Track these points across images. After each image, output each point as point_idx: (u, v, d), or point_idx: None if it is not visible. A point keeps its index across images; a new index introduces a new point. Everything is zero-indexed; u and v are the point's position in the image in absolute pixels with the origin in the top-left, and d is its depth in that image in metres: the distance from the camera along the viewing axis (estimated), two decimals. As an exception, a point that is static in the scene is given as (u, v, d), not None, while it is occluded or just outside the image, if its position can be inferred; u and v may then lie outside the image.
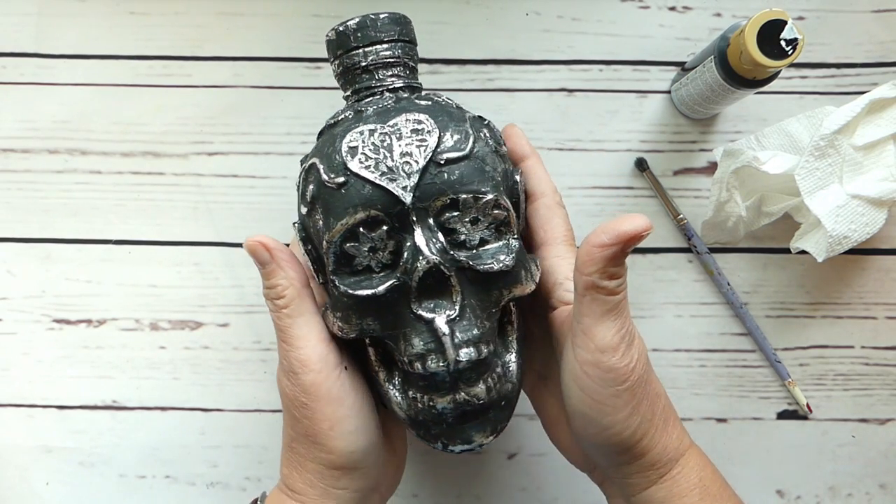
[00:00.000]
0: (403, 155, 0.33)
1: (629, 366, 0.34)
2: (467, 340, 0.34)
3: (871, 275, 0.52)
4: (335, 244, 0.34)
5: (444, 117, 0.35)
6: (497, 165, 0.36)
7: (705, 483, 0.36)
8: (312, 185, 0.35)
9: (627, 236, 0.31)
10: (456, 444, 0.36)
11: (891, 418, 0.51)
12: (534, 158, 0.41)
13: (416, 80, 0.39)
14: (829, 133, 0.46)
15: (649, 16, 0.53)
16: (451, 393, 0.34)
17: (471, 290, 0.34)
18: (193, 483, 0.51)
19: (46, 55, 0.53)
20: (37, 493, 0.51)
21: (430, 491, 0.51)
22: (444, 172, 0.33)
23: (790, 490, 0.51)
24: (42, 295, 0.52)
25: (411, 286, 0.33)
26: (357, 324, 0.35)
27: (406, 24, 0.39)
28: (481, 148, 0.35)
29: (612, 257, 0.31)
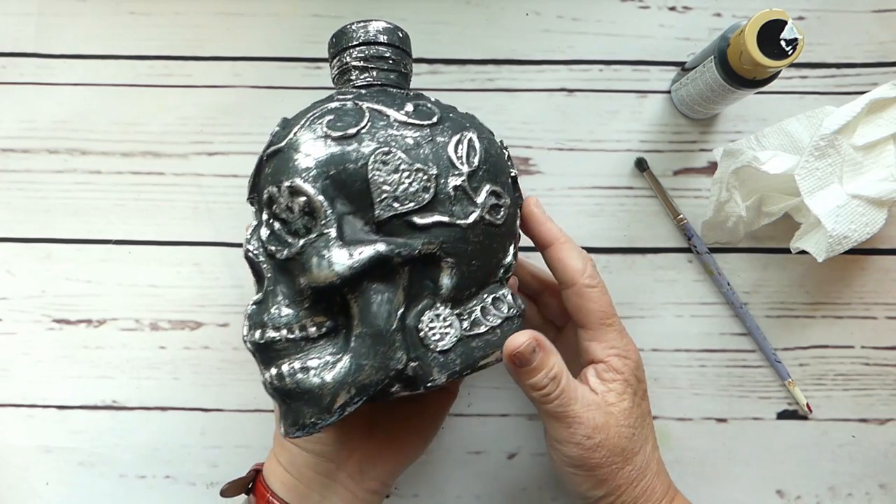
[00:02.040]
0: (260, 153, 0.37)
1: (584, 455, 0.37)
2: (256, 323, 0.35)
3: (871, 275, 0.52)
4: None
5: (298, 118, 0.36)
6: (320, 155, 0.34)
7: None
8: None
9: (506, 355, 0.36)
10: (290, 428, 0.35)
11: (891, 418, 0.51)
12: (557, 244, 0.40)
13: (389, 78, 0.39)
14: (829, 133, 0.46)
15: (649, 16, 0.53)
16: (266, 367, 0.35)
17: (280, 277, 0.35)
18: (193, 483, 0.51)
19: (46, 55, 0.53)
20: (37, 492, 0.51)
21: (430, 491, 0.51)
22: (266, 167, 0.36)
23: (790, 490, 0.51)
24: (42, 295, 0.52)
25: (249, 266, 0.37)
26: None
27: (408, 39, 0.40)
28: (301, 138, 0.35)
29: (518, 373, 0.36)
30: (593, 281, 0.39)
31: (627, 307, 0.52)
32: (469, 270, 0.36)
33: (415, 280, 0.35)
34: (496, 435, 0.51)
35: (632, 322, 0.51)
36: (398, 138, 0.35)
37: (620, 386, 0.39)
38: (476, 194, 0.35)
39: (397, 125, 0.35)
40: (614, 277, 0.52)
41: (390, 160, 0.34)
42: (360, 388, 0.34)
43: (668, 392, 0.51)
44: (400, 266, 0.34)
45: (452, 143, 0.35)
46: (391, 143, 0.35)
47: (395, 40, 0.39)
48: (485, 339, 0.36)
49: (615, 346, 0.39)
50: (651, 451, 0.40)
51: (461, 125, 0.37)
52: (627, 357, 0.39)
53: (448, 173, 0.35)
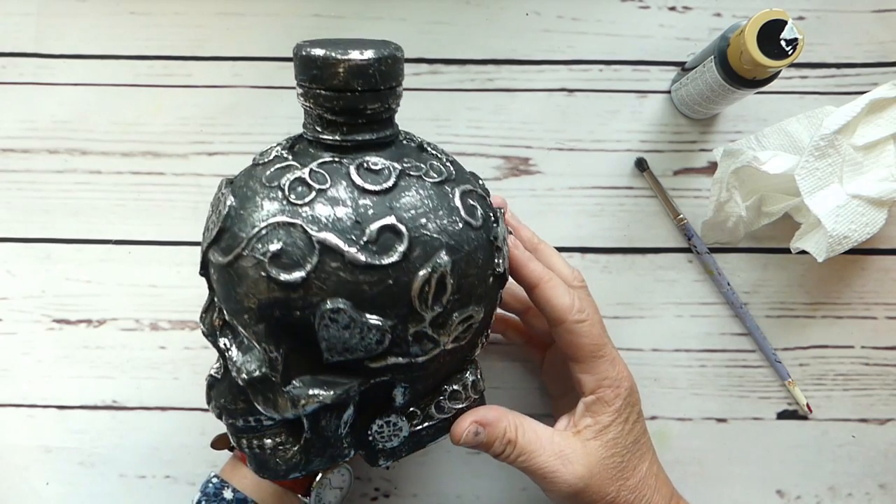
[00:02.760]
0: (206, 228, 0.36)
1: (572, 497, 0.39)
2: (216, 403, 0.36)
3: (871, 275, 0.52)
4: None
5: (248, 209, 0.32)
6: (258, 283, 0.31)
7: None
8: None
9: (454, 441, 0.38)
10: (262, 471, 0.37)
11: (891, 418, 0.51)
12: (542, 284, 0.38)
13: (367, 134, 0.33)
14: (829, 133, 0.46)
15: (649, 16, 0.53)
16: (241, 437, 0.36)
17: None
18: (193, 483, 0.51)
19: (46, 55, 0.53)
20: (37, 492, 0.51)
21: (430, 491, 0.51)
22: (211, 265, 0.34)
23: (790, 490, 0.51)
24: (42, 295, 0.52)
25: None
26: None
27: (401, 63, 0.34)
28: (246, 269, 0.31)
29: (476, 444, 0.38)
30: (581, 315, 0.39)
31: (627, 307, 0.52)
32: (425, 386, 0.36)
33: (367, 395, 0.34)
34: (496, 435, 0.51)
35: (632, 322, 0.51)
36: (352, 285, 0.30)
37: (609, 418, 0.39)
38: (441, 331, 0.32)
39: (350, 268, 0.30)
40: (614, 277, 0.52)
41: (339, 318, 0.30)
42: (310, 469, 0.36)
43: (668, 392, 0.51)
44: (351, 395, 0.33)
45: (418, 284, 0.31)
46: (343, 294, 0.30)
47: (376, 81, 0.32)
48: (435, 427, 0.37)
49: (607, 376, 0.39)
50: (648, 469, 0.41)
51: (434, 246, 0.31)
52: (618, 386, 0.40)
53: (408, 321, 0.31)
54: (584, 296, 0.40)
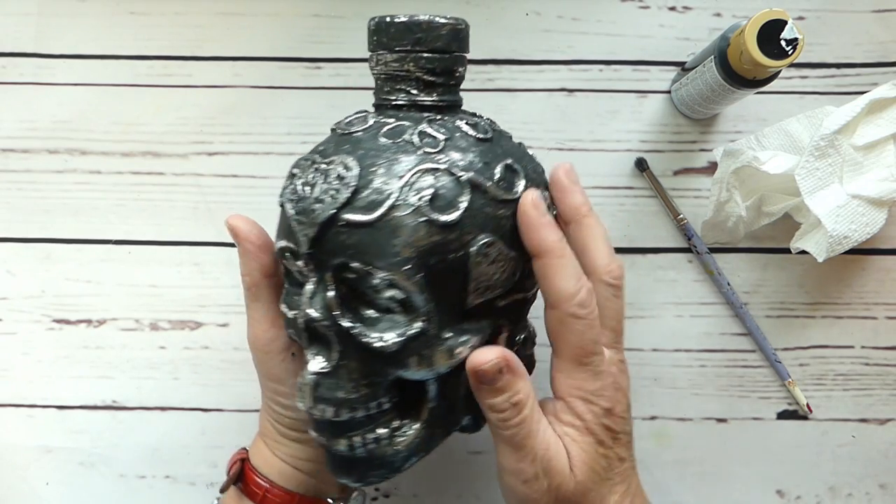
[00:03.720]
0: (317, 200, 0.32)
1: (527, 493, 0.34)
2: (326, 399, 0.33)
3: (871, 275, 0.52)
4: (277, 255, 0.36)
5: (381, 167, 0.31)
6: (420, 241, 0.31)
7: None
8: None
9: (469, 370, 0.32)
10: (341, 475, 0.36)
11: (891, 418, 0.51)
12: (548, 258, 0.33)
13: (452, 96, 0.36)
14: (829, 133, 0.46)
15: (649, 16, 0.53)
16: (328, 439, 0.34)
17: (355, 353, 0.32)
18: (193, 483, 0.51)
19: (46, 55, 0.53)
20: (37, 492, 0.51)
21: (430, 491, 0.51)
22: (341, 234, 0.31)
23: (790, 490, 0.51)
24: (42, 295, 0.52)
25: (300, 328, 0.33)
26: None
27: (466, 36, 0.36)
28: (401, 218, 0.31)
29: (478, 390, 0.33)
30: (582, 311, 0.33)
31: (627, 307, 0.51)
32: (522, 326, 0.37)
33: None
34: (496, 435, 0.51)
35: (632, 322, 0.51)
36: (495, 220, 0.32)
37: (577, 433, 0.34)
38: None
39: (493, 204, 0.32)
40: (614, 277, 0.52)
41: (491, 252, 0.32)
42: (429, 449, 0.36)
43: (668, 392, 0.51)
44: None
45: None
46: (489, 229, 0.32)
47: (466, 45, 0.36)
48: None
49: (583, 388, 0.34)
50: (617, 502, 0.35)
51: (537, 183, 0.35)
52: (594, 403, 0.34)
53: (524, 252, 0.34)
54: (608, 295, 0.35)
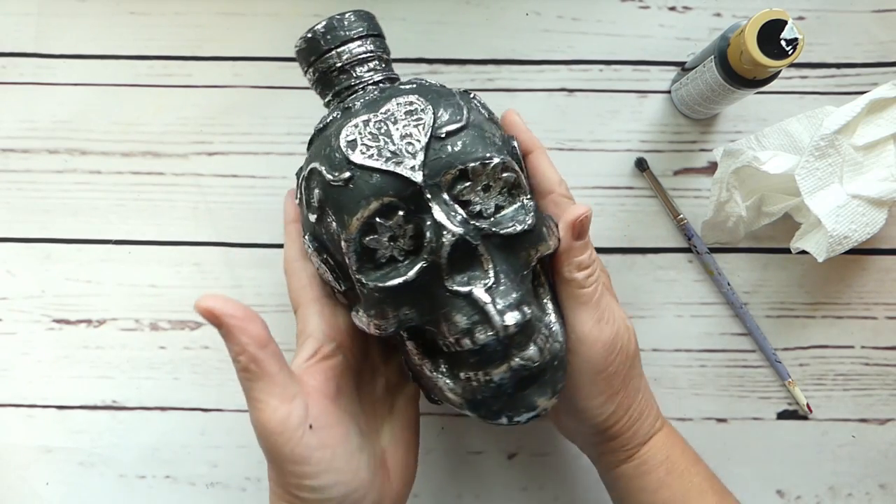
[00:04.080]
0: (403, 137, 0.33)
1: (606, 358, 0.37)
2: (510, 304, 0.33)
3: (871, 275, 0.52)
4: (354, 241, 0.33)
5: (433, 95, 0.35)
6: (494, 131, 0.36)
7: (672, 461, 0.40)
8: (317, 190, 0.34)
9: (571, 222, 0.36)
10: (521, 414, 0.35)
11: (891, 418, 0.51)
12: (537, 152, 0.41)
13: (393, 72, 0.39)
14: (830, 133, 0.46)
15: (649, 16, 0.53)
16: (504, 361, 0.33)
17: (500, 256, 0.34)
18: (193, 483, 0.51)
19: (46, 55, 0.53)
20: (37, 493, 0.51)
21: (430, 491, 0.51)
22: (447, 145, 0.33)
23: (790, 490, 0.51)
24: (42, 295, 0.52)
25: (441, 264, 0.33)
26: (394, 317, 0.34)
27: (371, 20, 0.39)
28: (476, 116, 0.35)
29: (570, 248, 0.36)
30: (569, 192, 0.40)
31: (627, 307, 0.52)
32: None
33: None
34: (496, 435, 0.51)
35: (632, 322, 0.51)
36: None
37: (607, 292, 0.40)
38: None
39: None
40: (614, 277, 0.51)
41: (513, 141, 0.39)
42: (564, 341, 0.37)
43: (668, 392, 0.51)
44: None
45: None
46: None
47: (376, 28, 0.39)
48: None
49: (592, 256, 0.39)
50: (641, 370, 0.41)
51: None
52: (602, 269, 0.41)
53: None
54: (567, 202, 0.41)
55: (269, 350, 0.34)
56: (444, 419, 0.51)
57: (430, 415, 0.51)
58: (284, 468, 0.34)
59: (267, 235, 0.52)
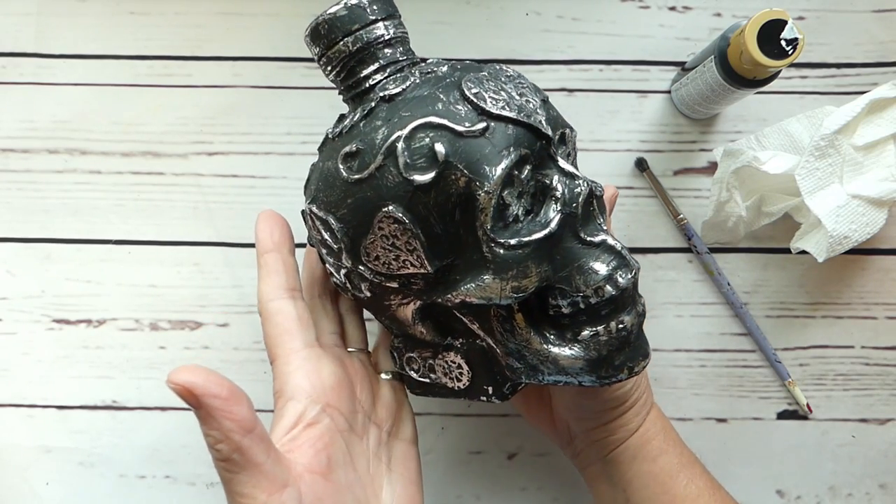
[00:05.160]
0: (521, 95, 0.34)
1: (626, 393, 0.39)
2: (623, 263, 0.33)
3: (871, 275, 0.52)
4: (495, 195, 0.31)
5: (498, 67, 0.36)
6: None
7: (667, 429, 0.42)
8: (441, 144, 0.31)
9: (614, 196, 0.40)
10: (638, 363, 0.34)
11: (891, 418, 0.51)
12: None
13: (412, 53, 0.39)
14: (830, 133, 0.46)
15: (649, 16, 0.53)
16: (633, 305, 0.34)
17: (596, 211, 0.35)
18: (193, 483, 0.51)
19: (46, 55, 0.53)
20: (37, 493, 0.51)
21: (430, 491, 0.51)
22: (550, 109, 0.35)
23: (790, 490, 0.51)
24: (42, 295, 0.52)
25: (577, 214, 0.33)
26: (537, 273, 0.32)
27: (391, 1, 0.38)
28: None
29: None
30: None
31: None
32: None
33: None
34: (496, 435, 0.51)
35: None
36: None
37: None
38: None
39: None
40: (614, 277, 0.52)
41: None
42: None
43: (668, 392, 0.51)
44: None
45: None
46: None
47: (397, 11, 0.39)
48: None
49: None
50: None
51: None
52: None
53: None
54: None
55: (255, 434, 0.29)
56: (444, 419, 0.51)
57: (430, 415, 0.51)
58: None
59: (267, 235, 0.52)
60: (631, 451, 0.40)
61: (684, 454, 0.41)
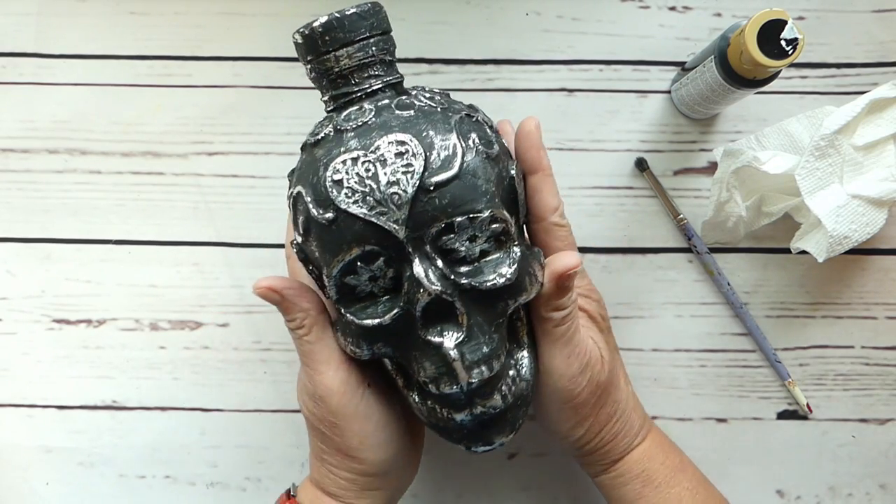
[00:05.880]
0: (390, 184, 0.32)
1: (573, 390, 0.38)
2: (477, 360, 0.33)
3: (871, 275, 0.52)
4: (335, 278, 0.34)
5: (428, 129, 0.33)
6: (489, 174, 0.34)
7: (649, 473, 0.41)
8: (302, 217, 0.34)
9: (557, 274, 0.35)
10: (478, 446, 0.36)
11: (891, 418, 0.51)
12: (540, 174, 0.38)
13: (395, 72, 0.37)
14: (830, 133, 0.46)
15: (649, 16, 0.53)
16: (467, 408, 0.35)
17: (476, 308, 0.34)
18: (193, 483, 0.51)
19: (46, 55, 0.53)
20: (37, 492, 0.51)
21: (430, 491, 0.51)
22: (434, 198, 0.32)
23: (790, 490, 0.51)
24: (42, 295, 0.52)
25: (416, 315, 0.33)
26: (368, 348, 0.35)
27: (376, 15, 0.36)
28: (471, 160, 0.33)
29: (551, 294, 0.36)
30: (563, 220, 0.39)
31: (627, 307, 0.52)
32: None
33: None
34: (496, 435, 0.51)
35: (632, 322, 0.51)
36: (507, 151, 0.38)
37: (588, 324, 0.40)
38: None
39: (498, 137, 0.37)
40: (614, 277, 0.52)
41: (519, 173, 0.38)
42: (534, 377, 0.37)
43: (668, 392, 0.51)
44: None
45: None
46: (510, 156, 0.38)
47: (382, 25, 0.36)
48: None
49: (579, 285, 0.41)
50: (625, 385, 0.42)
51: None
52: (589, 297, 0.42)
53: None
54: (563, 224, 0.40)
55: (323, 317, 0.37)
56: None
57: (430, 415, 0.51)
58: (347, 428, 0.37)
59: (267, 235, 0.52)
60: (607, 486, 0.42)
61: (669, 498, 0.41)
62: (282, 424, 0.51)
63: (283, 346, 0.52)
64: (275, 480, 0.51)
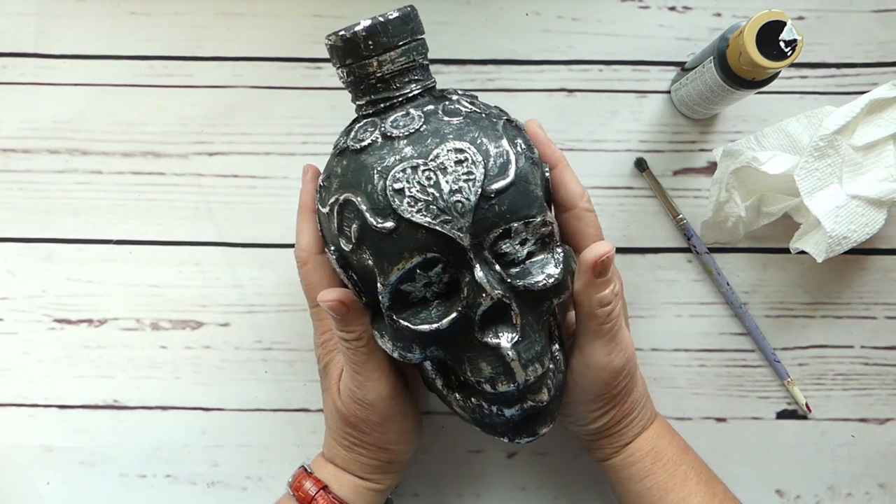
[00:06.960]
0: (453, 192, 0.32)
1: (612, 383, 0.39)
2: (531, 359, 0.35)
3: (870, 275, 0.52)
4: (391, 285, 0.34)
5: (481, 136, 0.34)
6: (537, 178, 0.36)
7: (657, 451, 0.43)
8: (355, 225, 0.34)
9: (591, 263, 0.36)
10: (522, 438, 0.37)
11: (890, 418, 0.52)
12: (560, 166, 0.40)
13: (430, 76, 0.38)
14: (829, 133, 0.46)
15: (649, 16, 0.53)
16: (518, 403, 0.36)
17: (527, 308, 0.35)
18: (194, 482, 0.51)
19: (46, 55, 0.53)
20: (38, 492, 0.51)
21: (430, 491, 0.51)
22: (494, 205, 0.33)
23: (790, 490, 0.51)
24: (43, 295, 0.52)
25: (475, 319, 0.34)
26: (421, 352, 0.36)
27: (416, 19, 0.36)
28: (523, 166, 0.34)
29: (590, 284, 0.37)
30: (591, 206, 0.40)
31: (627, 307, 0.52)
32: None
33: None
34: (496, 434, 0.51)
35: (631, 322, 0.51)
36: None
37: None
38: None
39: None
40: (614, 277, 0.52)
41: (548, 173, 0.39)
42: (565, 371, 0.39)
43: (667, 392, 0.51)
44: None
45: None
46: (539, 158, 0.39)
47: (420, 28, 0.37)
48: None
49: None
50: (639, 373, 0.43)
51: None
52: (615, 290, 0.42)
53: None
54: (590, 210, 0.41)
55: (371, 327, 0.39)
56: (444, 418, 0.51)
57: (430, 414, 0.51)
58: (391, 428, 0.40)
59: (268, 235, 0.52)
60: (617, 467, 0.43)
61: (677, 473, 0.42)
62: (283, 424, 0.51)
63: (284, 346, 0.52)
64: (276, 480, 0.51)
